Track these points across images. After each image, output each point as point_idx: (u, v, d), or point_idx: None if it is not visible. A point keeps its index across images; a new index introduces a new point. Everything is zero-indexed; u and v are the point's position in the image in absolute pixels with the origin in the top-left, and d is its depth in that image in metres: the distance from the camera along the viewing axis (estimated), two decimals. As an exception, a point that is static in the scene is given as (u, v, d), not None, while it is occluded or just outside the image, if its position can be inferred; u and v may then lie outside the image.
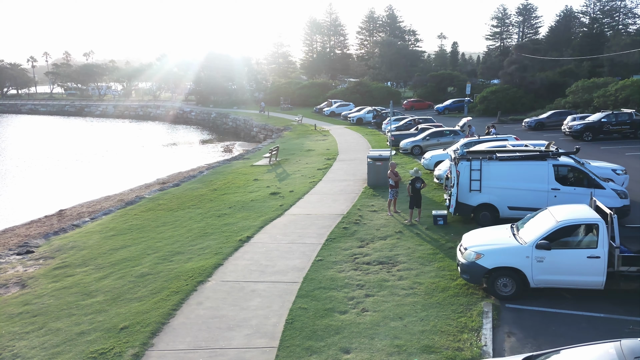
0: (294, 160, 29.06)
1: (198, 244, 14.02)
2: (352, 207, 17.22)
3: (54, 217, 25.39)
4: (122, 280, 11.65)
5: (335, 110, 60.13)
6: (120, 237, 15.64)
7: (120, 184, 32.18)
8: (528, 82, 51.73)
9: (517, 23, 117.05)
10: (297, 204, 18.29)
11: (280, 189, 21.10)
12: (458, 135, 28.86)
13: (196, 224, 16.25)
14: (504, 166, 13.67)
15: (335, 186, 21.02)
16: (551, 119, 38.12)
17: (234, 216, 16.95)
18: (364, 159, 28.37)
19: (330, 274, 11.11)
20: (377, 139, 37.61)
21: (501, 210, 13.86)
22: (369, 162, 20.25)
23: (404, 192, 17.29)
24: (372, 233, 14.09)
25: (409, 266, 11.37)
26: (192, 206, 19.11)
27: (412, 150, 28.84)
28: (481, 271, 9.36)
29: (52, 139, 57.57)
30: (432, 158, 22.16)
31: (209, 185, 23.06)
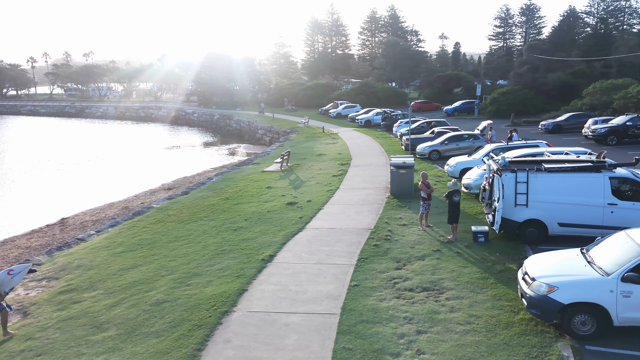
0: (306, 166, 27.82)
1: (216, 264, 12.77)
2: (378, 220, 15.98)
3: (56, 227, 24.18)
4: (135, 309, 10.40)
5: (342, 111, 58.89)
6: (129, 254, 14.38)
7: (123, 190, 30.98)
8: (540, 83, 50.49)
9: (520, 23, 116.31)
10: (317, 215, 17.04)
11: (297, 198, 19.85)
12: (478, 139, 27.65)
13: (211, 239, 14.99)
14: (553, 178, 12.43)
15: (355, 195, 19.77)
16: (569, 122, 36.90)
17: (251, 230, 15.70)
18: (379, 164, 27.20)
19: (370, 304, 9.86)
20: (389, 142, 36.37)
21: (550, 227, 12.62)
22: (392, 170, 19.00)
23: (437, 204, 16.08)
24: (407, 252, 12.84)
25: (459, 294, 10.12)
26: (204, 217, 17.86)
27: (430, 155, 27.60)
28: (555, 307, 8.11)
29: (52, 142, 56.30)
30: (458, 165, 20.91)
31: (220, 194, 21.81)
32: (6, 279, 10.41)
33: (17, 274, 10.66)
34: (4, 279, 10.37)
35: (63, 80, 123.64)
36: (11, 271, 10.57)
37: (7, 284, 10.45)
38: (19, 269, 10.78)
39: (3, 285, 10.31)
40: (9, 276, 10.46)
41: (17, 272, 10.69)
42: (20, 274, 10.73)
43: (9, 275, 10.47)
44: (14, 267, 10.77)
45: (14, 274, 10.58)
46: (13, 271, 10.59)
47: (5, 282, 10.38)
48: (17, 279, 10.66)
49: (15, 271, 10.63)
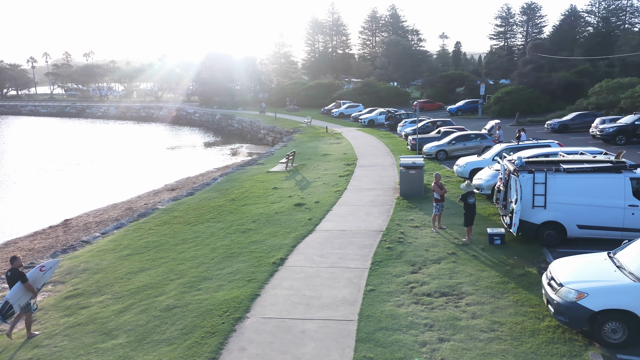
0: (312, 166, 27.50)
1: (226, 267, 12.45)
2: (389, 221, 15.66)
3: (59, 228, 23.88)
4: (145, 314, 10.08)
5: (345, 111, 58.59)
6: (136, 257, 14.07)
7: (126, 190, 30.69)
8: (544, 82, 50.16)
9: (521, 22, 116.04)
10: (326, 217, 16.73)
11: (304, 199, 19.53)
12: (485, 139, 27.34)
13: (220, 242, 14.68)
14: (572, 179, 12.11)
15: (363, 196, 19.45)
16: (575, 121, 36.59)
17: (260, 232, 15.39)
18: (386, 164, 26.89)
19: (388, 309, 9.55)
20: (394, 142, 36.07)
21: (569, 229, 12.30)
22: (401, 170, 18.68)
23: (448, 205, 15.76)
24: (422, 255, 12.52)
25: (479, 299, 9.81)
26: (211, 219, 17.54)
27: (437, 155, 27.29)
28: (585, 314, 7.79)
29: (53, 142, 56.00)
30: (467, 165, 20.58)
31: (226, 195, 21.50)
32: (39, 276, 10.24)
33: (49, 269, 10.47)
34: (37, 276, 10.19)
35: (63, 80, 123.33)
36: (43, 267, 10.38)
37: (39, 281, 10.29)
38: (50, 264, 10.58)
39: (36, 282, 10.13)
40: (41, 272, 10.27)
41: (49, 267, 10.50)
42: (52, 269, 10.56)
43: (41, 271, 10.28)
44: (45, 263, 10.56)
45: (46, 269, 10.39)
46: (45, 267, 10.40)
47: (38, 279, 10.22)
48: (49, 275, 10.51)
49: (46, 267, 10.43)
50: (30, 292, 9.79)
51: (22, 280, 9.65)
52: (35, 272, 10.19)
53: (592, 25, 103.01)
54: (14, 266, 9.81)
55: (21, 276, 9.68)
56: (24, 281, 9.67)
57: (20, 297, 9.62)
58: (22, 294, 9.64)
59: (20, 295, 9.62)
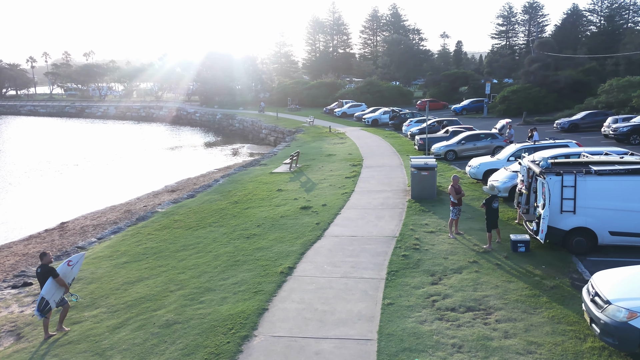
0: (317, 167, 26.62)
1: (230, 277, 11.57)
2: (402, 226, 14.77)
3: (55, 232, 23.03)
4: (142, 331, 9.20)
5: (347, 110, 57.71)
6: (134, 265, 13.19)
7: (125, 192, 29.85)
8: (551, 80, 49.23)
9: (523, 22, 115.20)
10: (335, 221, 15.84)
11: (311, 201, 18.65)
12: (496, 138, 26.47)
13: (223, 248, 13.80)
14: (604, 182, 11.22)
15: (373, 199, 18.56)
16: (586, 120, 35.69)
17: (265, 238, 14.50)
18: (393, 165, 26.00)
19: (410, 327, 8.66)
20: (400, 142, 35.18)
21: (600, 235, 11.42)
22: (413, 171, 17.79)
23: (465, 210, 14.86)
24: (440, 263, 11.63)
25: (510, 315, 8.92)
26: (213, 223, 16.66)
27: (446, 155, 26.40)
28: (637, 336, 6.91)
29: (51, 142, 55.12)
30: (481, 166, 19.68)
31: (229, 197, 20.62)
32: (67, 271, 10.04)
33: (76, 263, 10.25)
34: (66, 271, 9.99)
35: (63, 80, 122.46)
36: (70, 262, 10.15)
37: (69, 275, 10.10)
38: (77, 259, 10.35)
39: (66, 276, 9.96)
40: (69, 267, 10.08)
41: (76, 261, 10.27)
42: (79, 263, 10.35)
43: (69, 266, 10.09)
44: (71, 257, 10.31)
45: (73, 264, 10.17)
46: (72, 261, 10.18)
47: (67, 274, 10.03)
48: (77, 269, 10.31)
49: (73, 261, 10.21)
50: (63, 287, 9.72)
51: (53, 275, 9.53)
52: (64, 267, 9.99)
53: (594, 24, 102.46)
54: (44, 262, 9.64)
55: (52, 272, 9.55)
56: (55, 276, 9.54)
57: (54, 292, 9.56)
58: (55, 290, 9.57)
59: (54, 290, 9.56)
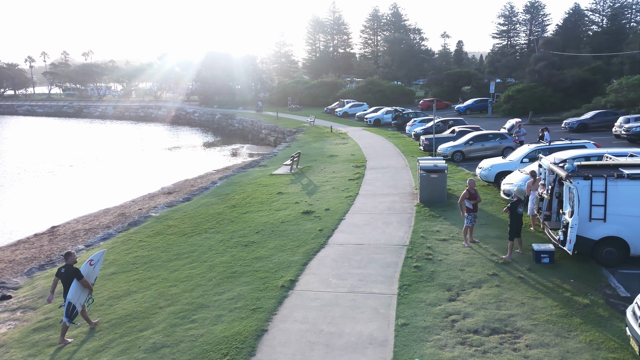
0: (318, 168, 25.58)
1: (226, 291, 10.53)
2: (412, 233, 13.73)
3: (45, 236, 22.03)
4: (126, 356, 8.16)
5: (349, 110, 56.67)
6: (122, 276, 12.15)
7: (120, 194, 28.84)
8: (557, 79, 48.18)
9: (524, 21, 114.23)
10: (339, 227, 14.80)
11: (313, 206, 17.61)
12: (505, 139, 25.43)
13: (219, 258, 12.76)
14: (637, 187, 10.18)
15: (379, 203, 17.52)
16: (595, 120, 34.65)
17: (264, 245, 13.47)
18: (398, 166, 24.97)
19: (429, 353, 7.62)
20: (404, 142, 34.15)
21: (633, 245, 10.38)
22: (421, 174, 16.74)
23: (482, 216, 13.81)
24: (457, 276, 10.59)
25: (541, 339, 7.87)
26: (209, 229, 15.63)
27: (453, 156, 25.36)
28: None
29: (47, 143, 54.07)
30: (493, 168, 18.62)
31: (226, 200, 19.58)
32: (90, 270, 9.62)
33: (97, 262, 9.90)
34: (89, 271, 9.57)
35: (61, 79, 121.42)
36: (92, 261, 9.74)
37: (92, 275, 9.67)
38: (97, 257, 9.96)
39: (89, 277, 9.53)
40: (91, 267, 9.68)
41: (97, 260, 9.90)
42: (99, 261, 9.99)
43: (91, 265, 9.68)
44: (92, 257, 9.88)
45: (95, 262, 9.80)
46: (93, 260, 9.79)
47: (90, 274, 9.60)
48: (98, 267, 9.97)
49: (94, 260, 9.83)
50: (87, 289, 9.36)
51: (77, 277, 9.15)
52: (86, 268, 9.56)
53: (596, 23, 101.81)
54: (69, 262, 9.19)
55: (76, 273, 9.17)
56: (79, 278, 9.16)
57: (80, 295, 9.23)
58: (80, 292, 9.24)
59: (80, 293, 9.22)
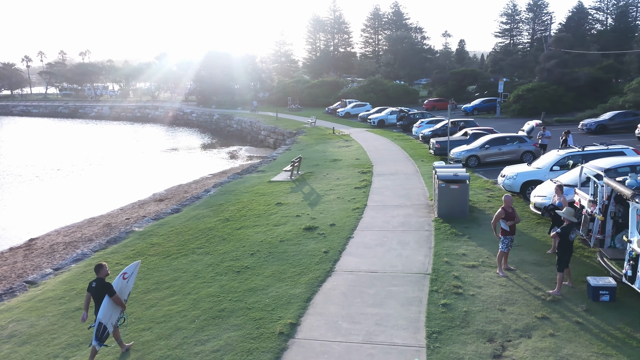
0: (321, 174, 23.54)
1: (211, 339, 8.48)
2: (434, 256, 11.67)
3: (21, 250, 20.05)
4: None
5: (351, 111, 54.62)
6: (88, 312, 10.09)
7: (109, 200, 26.89)
8: (570, 78, 46.06)
9: (527, 20, 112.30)
10: (348, 249, 12.75)
11: (316, 220, 15.57)
12: (525, 142, 23.38)
13: (205, 289, 10.71)
14: None
15: (391, 217, 15.47)
16: (615, 121, 32.61)
17: (260, 272, 11.41)
18: (408, 172, 22.92)
19: None
20: (411, 145, 32.11)
21: None
22: (440, 184, 14.68)
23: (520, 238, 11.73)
24: (497, 319, 8.54)
25: None
26: (197, 249, 13.58)
27: (467, 161, 23.32)
28: None
29: (38, 144, 52.01)
30: (519, 177, 16.54)
31: (219, 212, 17.53)
32: (123, 285, 8.47)
33: (131, 275, 8.72)
34: (122, 286, 8.43)
35: (58, 79, 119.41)
36: (125, 274, 8.61)
37: (125, 291, 8.53)
38: (131, 270, 8.76)
39: (122, 292, 8.38)
40: (124, 281, 8.54)
41: (130, 273, 8.72)
42: (133, 274, 8.79)
43: (124, 279, 8.54)
44: (125, 269, 8.70)
45: (128, 276, 8.66)
46: (127, 274, 8.67)
47: (123, 289, 8.45)
48: (132, 281, 8.76)
49: (128, 273, 8.69)
50: (119, 306, 8.26)
51: (109, 293, 8.05)
52: (119, 282, 8.43)
53: (600, 22, 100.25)
54: (100, 276, 8.11)
55: (108, 288, 8.06)
56: (111, 294, 8.06)
57: (112, 314, 8.16)
58: (112, 310, 8.15)
59: (111, 312, 8.15)
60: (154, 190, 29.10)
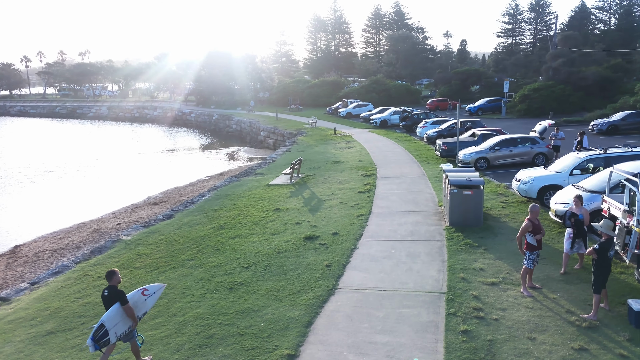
0: (322, 177, 22.38)
1: (196, 372, 7.31)
2: (448, 272, 10.50)
3: (4, 259, 18.93)
4: None
5: (353, 111, 53.48)
6: (59, 338, 8.93)
7: (102, 204, 25.83)
8: (577, 77, 44.85)
9: (529, 20, 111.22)
10: (352, 261, 11.59)
11: (317, 228, 14.41)
12: (537, 143, 22.22)
13: (193, 309, 9.54)
14: None
15: (398, 225, 14.30)
16: (627, 122, 31.44)
17: (255, 290, 10.25)
18: (414, 175, 21.74)
19: None
20: (416, 146, 30.95)
21: None
22: (452, 190, 13.51)
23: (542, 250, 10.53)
24: (527, 350, 7.36)
25: None
26: (187, 261, 12.41)
27: (477, 163, 22.14)
28: None
29: (33, 146, 50.87)
30: (536, 181, 15.34)
31: (213, 219, 16.37)
32: (140, 300, 7.83)
33: (152, 295, 7.97)
34: (138, 300, 7.79)
35: (56, 79, 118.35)
36: (145, 291, 7.92)
37: (141, 307, 7.82)
38: (154, 289, 8.06)
39: (137, 307, 7.71)
40: (143, 297, 7.90)
41: (152, 292, 7.97)
42: (155, 295, 8.03)
43: (143, 295, 7.89)
44: (148, 286, 8.04)
45: (149, 294, 7.93)
46: (148, 291, 7.94)
47: (139, 304, 7.79)
48: (151, 302, 7.99)
49: (149, 291, 7.96)
50: (130, 319, 7.45)
51: (121, 301, 7.33)
52: (136, 295, 7.76)
53: (603, 21, 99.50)
54: (112, 283, 7.46)
55: (121, 296, 7.37)
56: (123, 303, 7.33)
57: (118, 322, 7.33)
58: (120, 319, 7.34)
59: (119, 320, 7.33)
60: (148, 193, 28.00)
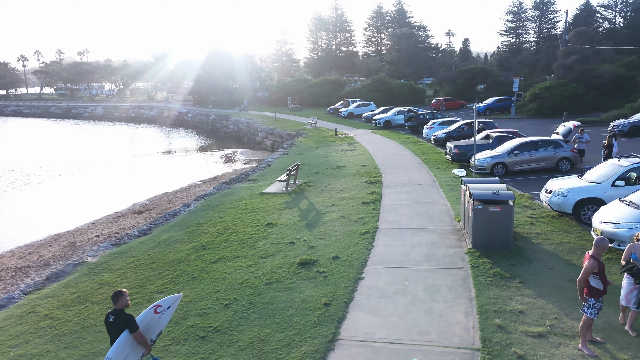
0: (321, 185, 20.15)
1: None
2: (479, 317, 8.27)
3: (-37, 278, 16.69)
4: None
5: (354, 111, 51.27)
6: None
7: (83, 211, 23.78)
8: (592, 76, 42.54)
9: (533, 18, 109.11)
10: (357, 298, 9.37)
11: (315, 249, 12.20)
12: (561, 147, 19.99)
13: (151, 369, 7.33)
14: None
15: (410, 245, 12.07)
16: (650, 122, 29.20)
17: (232, 341, 8.03)
18: (424, 182, 19.48)
19: None
20: (423, 148, 28.71)
21: None
22: (476, 206, 11.27)
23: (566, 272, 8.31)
24: None
25: None
26: (156, 293, 10.21)
27: (493, 169, 19.90)
28: None
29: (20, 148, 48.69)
30: (571, 193, 13.06)
31: (195, 236, 14.15)
32: (153, 320, 6.49)
33: (166, 310, 6.69)
34: (151, 321, 6.48)
35: (53, 79, 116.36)
36: (158, 307, 6.61)
37: (154, 328, 6.53)
38: (169, 303, 6.76)
39: (149, 330, 6.40)
40: (156, 315, 6.52)
41: (166, 307, 6.71)
42: (170, 309, 6.78)
43: (156, 314, 6.52)
44: (160, 301, 6.72)
45: (162, 310, 6.63)
46: (161, 307, 6.64)
47: (152, 326, 6.47)
48: (166, 318, 6.72)
49: (163, 306, 6.67)
50: (143, 346, 6.22)
51: (130, 328, 6.07)
52: (147, 316, 6.51)
53: (609, 20, 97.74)
54: (118, 306, 6.18)
55: (130, 322, 6.10)
56: (133, 330, 6.08)
57: (129, 354, 6.01)
58: (130, 350, 6.07)
59: (129, 351, 6.04)
60: (135, 200, 25.89)
